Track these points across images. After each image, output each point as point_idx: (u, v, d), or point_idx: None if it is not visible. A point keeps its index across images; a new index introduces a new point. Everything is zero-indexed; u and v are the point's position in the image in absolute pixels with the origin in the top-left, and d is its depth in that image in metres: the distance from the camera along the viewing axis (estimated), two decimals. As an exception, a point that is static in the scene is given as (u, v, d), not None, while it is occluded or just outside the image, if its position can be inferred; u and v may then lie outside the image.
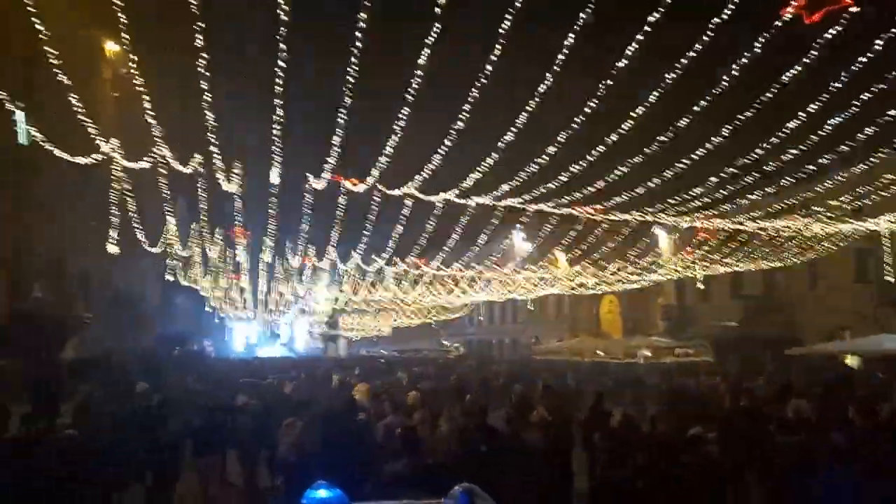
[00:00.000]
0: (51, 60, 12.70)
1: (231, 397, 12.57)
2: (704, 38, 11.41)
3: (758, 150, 15.29)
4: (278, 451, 8.48)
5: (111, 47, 31.08)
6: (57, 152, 15.37)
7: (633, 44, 11.71)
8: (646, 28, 11.28)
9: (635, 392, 16.37)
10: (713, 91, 12.67)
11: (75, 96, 13.64)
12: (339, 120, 14.25)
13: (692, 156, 15.81)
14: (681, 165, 16.49)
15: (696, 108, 13.22)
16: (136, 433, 8.38)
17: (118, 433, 8.09)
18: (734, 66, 12.10)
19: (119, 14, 11.29)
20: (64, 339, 21.19)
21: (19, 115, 16.40)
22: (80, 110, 13.86)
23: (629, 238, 26.90)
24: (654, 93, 12.85)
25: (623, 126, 14.15)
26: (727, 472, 5.31)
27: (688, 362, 27.99)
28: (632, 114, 13.70)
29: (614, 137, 14.55)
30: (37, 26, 12.44)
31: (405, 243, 31.99)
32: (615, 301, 46.31)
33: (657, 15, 11.00)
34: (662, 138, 14.53)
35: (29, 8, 12.07)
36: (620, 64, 12.08)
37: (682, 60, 12.00)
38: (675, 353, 31.24)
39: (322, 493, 3.29)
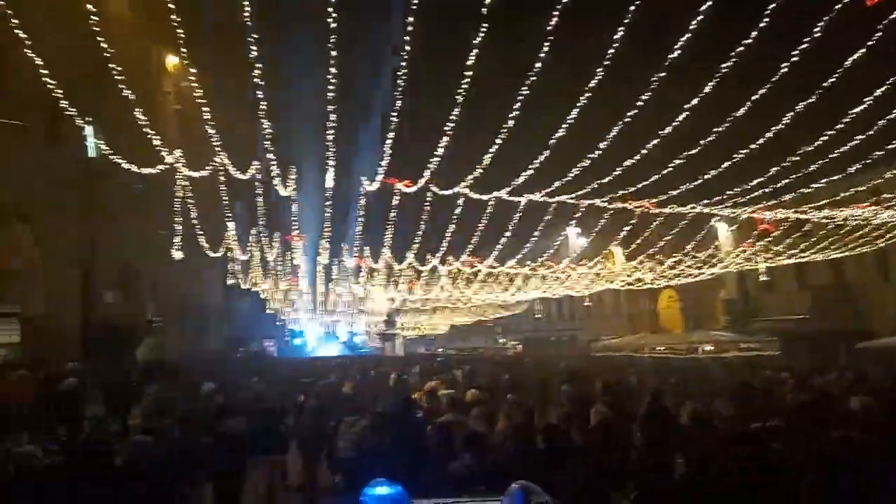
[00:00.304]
0: (116, 77, 13.33)
1: (293, 397, 12.92)
2: (762, 23, 11.07)
3: (822, 137, 14.74)
4: (338, 449, 8.68)
5: (172, 61, 32.26)
6: (124, 164, 16.11)
7: (688, 32, 11.47)
8: (700, 16, 11.03)
9: (700, 388, 15.96)
10: (772, 77, 12.28)
11: (140, 110, 14.25)
12: (391, 122, 14.49)
13: (751, 145, 15.35)
14: (739, 155, 16.05)
15: (754, 95, 12.84)
16: (202, 433, 8.75)
17: (186, 433, 8.46)
18: (794, 51, 11.70)
19: (178, 30, 11.79)
20: (134, 343, 22.14)
21: (88, 130, 17.29)
22: (144, 123, 14.46)
23: (687, 231, 26.28)
24: (711, 81, 12.56)
25: (678, 117, 13.86)
26: (790, 468, 5.16)
27: (753, 357, 27.18)
28: (686, 105, 13.42)
29: (668, 129, 14.28)
30: (102, 44, 13.08)
31: (459, 242, 32.14)
32: (674, 296, 45.27)
33: (710, 2, 10.76)
34: (719, 128, 14.16)
35: (94, 28, 12.70)
36: (674, 55, 11.86)
37: (740, 47, 11.69)
38: (738, 348, 30.42)
39: (382, 489, 3.35)
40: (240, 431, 8.54)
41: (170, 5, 11.23)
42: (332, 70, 12.01)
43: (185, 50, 12.85)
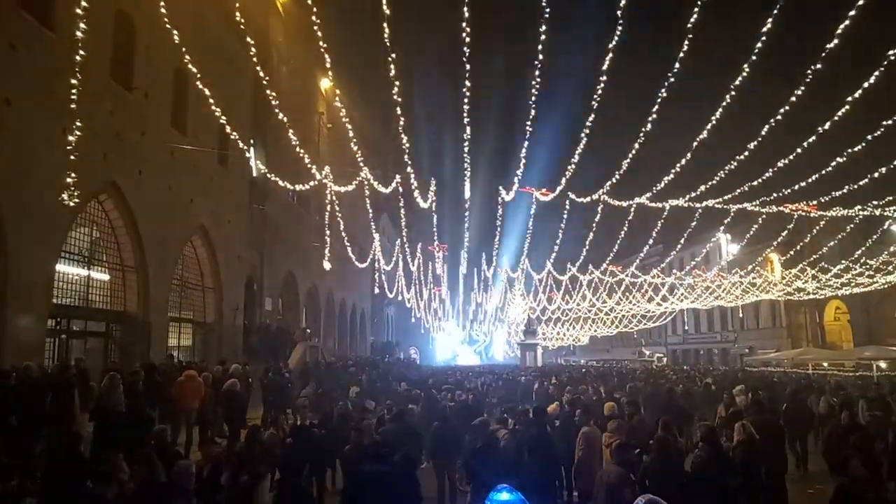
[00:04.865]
0: (273, 103, 14.52)
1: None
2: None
3: None
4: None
5: (325, 85, 34.54)
6: (281, 182, 17.46)
7: (846, 20, 10.53)
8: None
9: (871, 408, 14.40)
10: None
11: (292, 130, 15.38)
12: (526, 131, 14.51)
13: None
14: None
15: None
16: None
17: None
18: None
19: (326, 55, 12.63)
20: (289, 347, 23.84)
21: (251, 151, 18.85)
22: (296, 143, 15.57)
23: (856, 235, 23.91)
24: (876, 69, 11.41)
25: (838, 111, 12.70)
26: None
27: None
28: (848, 97, 12.26)
29: (828, 125, 13.11)
30: (260, 73, 14.33)
31: (599, 251, 31.47)
32: (842, 307, 41.22)
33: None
34: (888, 121, 12.78)
35: (253, 58, 13.96)
36: (832, 43, 10.92)
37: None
38: (921, 366, 27.18)
39: (504, 496, 3.44)
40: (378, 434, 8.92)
41: (318, 32, 12.02)
42: (468, 83, 12.28)
43: (332, 72, 13.70)
